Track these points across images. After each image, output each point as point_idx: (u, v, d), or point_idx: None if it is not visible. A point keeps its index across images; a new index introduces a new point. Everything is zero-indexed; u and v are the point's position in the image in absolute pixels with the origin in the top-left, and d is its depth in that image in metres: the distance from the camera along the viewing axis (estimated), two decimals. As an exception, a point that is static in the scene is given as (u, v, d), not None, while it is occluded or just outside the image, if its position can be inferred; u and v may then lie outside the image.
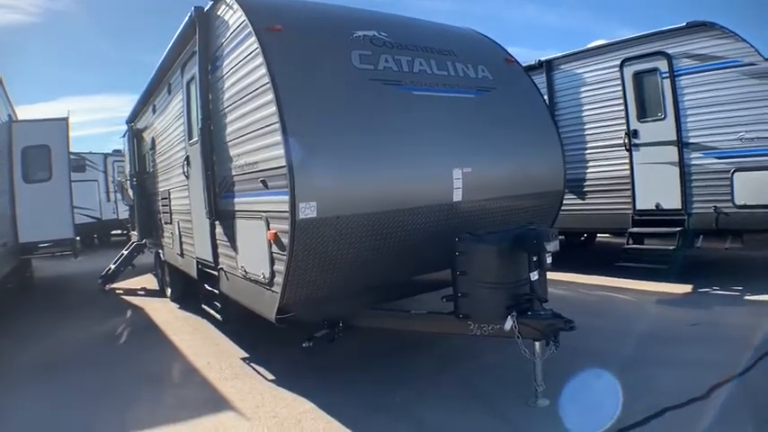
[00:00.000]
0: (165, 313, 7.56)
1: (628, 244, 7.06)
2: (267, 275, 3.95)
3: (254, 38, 3.86)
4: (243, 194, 4.37)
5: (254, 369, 4.86)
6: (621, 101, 7.18)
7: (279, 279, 3.75)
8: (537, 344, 3.62)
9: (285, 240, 3.58)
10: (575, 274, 7.84)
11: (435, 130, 4.29)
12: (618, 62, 7.19)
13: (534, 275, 3.65)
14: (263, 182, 3.88)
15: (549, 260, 3.63)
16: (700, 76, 6.23)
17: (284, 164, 3.47)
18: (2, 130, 7.65)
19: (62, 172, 8.48)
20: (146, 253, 10.21)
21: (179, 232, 6.77)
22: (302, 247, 3.58)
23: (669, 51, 6.55)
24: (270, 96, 3.63)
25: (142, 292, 9.32)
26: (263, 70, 3.70)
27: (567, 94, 8.01)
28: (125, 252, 10.06)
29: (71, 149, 15.89)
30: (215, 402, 4.15)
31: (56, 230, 8.27)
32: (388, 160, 3.97)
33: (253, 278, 4.25)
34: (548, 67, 8.20)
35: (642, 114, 7.02)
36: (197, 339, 6.01)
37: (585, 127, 7.74)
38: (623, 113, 7.18)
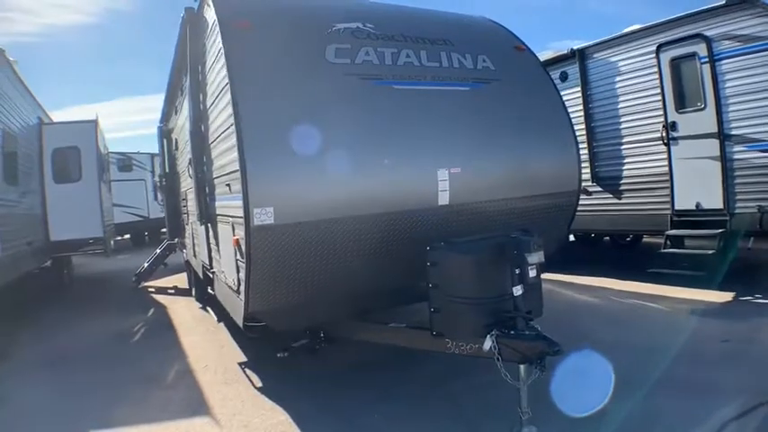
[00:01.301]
0: (185, 313, 7.68)
1: (665, 247, 6.35)
2: (235, 282, 3.82)
3: (220, 36, 3.70)
4: (219, 198, 4.24)
5: (247, 375, 4.79)
6: (659, 90, 6.46)
7: (242, 287, 3.57)
8: (522, 367, 3.21)
9: (244, 248, 3.39)
10: (611, 280, 7.34)
11: (417, 127, 3.93)
12: (654, 48, 6.47)
13: (517, 290, 3.22)
14: (228, 185, 3.72)
15: (532, 273, 3.19)
16: (742, 59, 5.46)
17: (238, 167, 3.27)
18: (32, 132, 7.99)
19: (91, 172, 8.79)
20: (177, 252, 10.47)
21: (192, 233, 6.83)
22: (261, 256, 3.37)
23: (708, 34, 5.80)
24: (229, 97, 3.44)
25: (172, 291, 9.52)
26: (225, 70, 3.53)
27: (602, 84, 7.34)
28: (158, 251, 10.33)
29: (121, 150, 16.77)
30: (196, 406, 4.17)
31: (86, 229, 8.58)
32: (359, 161, 3.66)
33: (228, 284, 4.12)
34: (581, 56, 7.54)
35: (681, 105, 6.28)
36: (205, 341, 6.03)
37: (621, 120, 7.07)
38: (661, 104, 6.46)
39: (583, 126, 7.48)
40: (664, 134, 6.44)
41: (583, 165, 7.38)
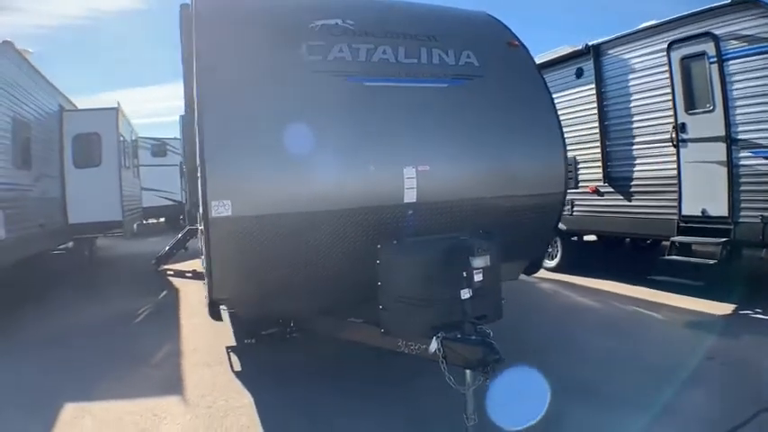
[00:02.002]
0: (195, 297, 7.81)
1: (669, 254, 6.09)
2: (205, 269, 3.90)
3: (194, 33, 3.78)
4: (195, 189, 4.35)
5: (230, 359, 4.93)
6: (670, 90, 6.17)
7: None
8: (468, 372, 3.17)
9: (204, 238, 3.49)
10: (619, 284, 7.16)
11: (386, 124, 3.90)
12: (665, 46, 6.17)
13: (465, 293, 3.18)
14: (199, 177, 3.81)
15: (477, 277, 3.13)
16: (748, 60, 5.13)
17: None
18: (50, 119, 8.40)
19: (111, 158, 9.15)
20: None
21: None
22: (219, 246, 3.46)
23: (716, 32, 5.48)
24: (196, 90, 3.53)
25: (189, 275, 9.63)
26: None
27: (616, 82, 7.05)
28: (179, 235, 10.65)
29: (155, 136, 17.29)
30: (170, 386, 4.36)
31: (104, 213, 8.96)
32: (320, 157, 3.66)
33: (203, 270, 4.25)
34: (595, 52, 7.26)
35: (690, 105, 5.98)
36: (205, 325, 6.08)
37: (634, 119, 6.79)
38: (671, 104, 6.16)
39: (596, 124, 7.25)
40: (673, 135, 6.15)
41: (595, 164, 7.23)
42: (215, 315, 3.95)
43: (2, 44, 6.46)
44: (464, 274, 3.14)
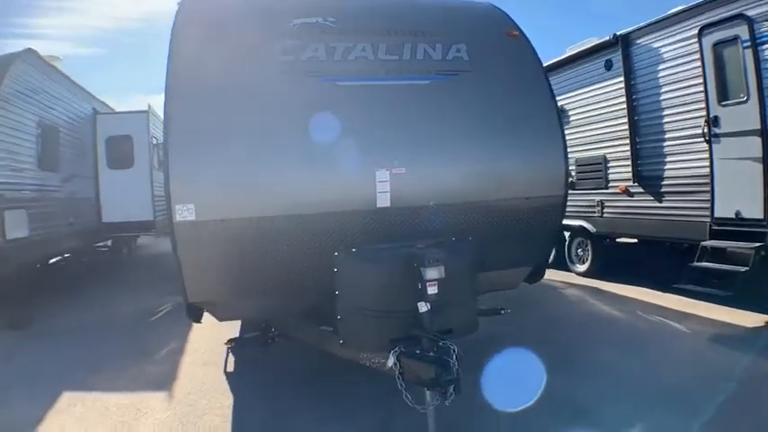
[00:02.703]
0: None
1: (698, 260, 5.53)
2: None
3: (170, 38, 3.78)
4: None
5: (226, 360, 4.97)
6: (702, 80, 5.59)
7: None
8: (427, 390, 2.98)
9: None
10: (649, 291, 6.70)
11: (359, 125, 3.73)
12: (696, 32, 5.59)
13: (422, 306, 2.97)
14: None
15: (431, 290, 2.91)
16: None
17: (168, 162, 3.36)
18: (84, 122, 8.82)
19: (143, 159, 9.52)
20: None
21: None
22: (185, 250, 3.44)
23: (749, 14, 4.88)
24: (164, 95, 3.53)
25: None
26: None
27: (645, 74, 6.50)
28: None
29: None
30: (160, 382, 4.50)
31: (137, 213, 9.35)
32: (288, 159, 3.55)
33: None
34: (624, 42, 6.71)
35: (723, 96, 5.39)
36: (215, 325, 6.14)
37: (664, 114, 6.23)
38: (704, 96, 5.59)
39: (626, 120, 6.73)
40: (705, 130, 5.58)
41: (625, 163, 6.70)
42: (193, 317, 3.96)
43: (25, 52, 6.81)
44: (419, 285, 2.94)
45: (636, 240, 7.98)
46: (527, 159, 4.18)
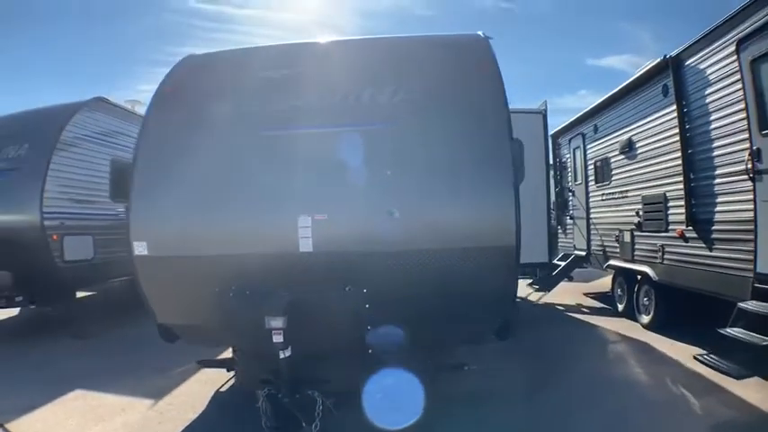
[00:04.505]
0: None
1: (732, 325, 4.59)
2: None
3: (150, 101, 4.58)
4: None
5: (226, 378, 5.26)
6: (744, 104, 4.68)
7: None
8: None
9: (135, 272, 4.19)
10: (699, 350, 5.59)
11: (288, 173, 4.02)
12: (734, 47, 4.71)
13: (282, 353, 3.15)
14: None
15: (276, 338, 3.06)
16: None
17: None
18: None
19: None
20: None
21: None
22: (144, 280, 4.11)
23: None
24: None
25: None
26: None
27: (695, 99, 5.60)
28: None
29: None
30: (157, 392, 5.05)
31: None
32: (223, 206, 3.96)
33: None
34: (674, 64, 5.86)
35: (765, 124, 4.44)
36: None
37: (714, 145, 5.27)
38: (747, 123, 4.67)
39: (679, 154, 5.83)
40: (749, 165, 4.64)
41: (680, 203, 5.86)
42: (164, 337, 4.54)
43: (92, 100, 8.20)
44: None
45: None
46: (466, 206, 3.91)
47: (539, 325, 7.71)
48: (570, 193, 9.85)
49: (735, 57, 4.71)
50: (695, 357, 4.72)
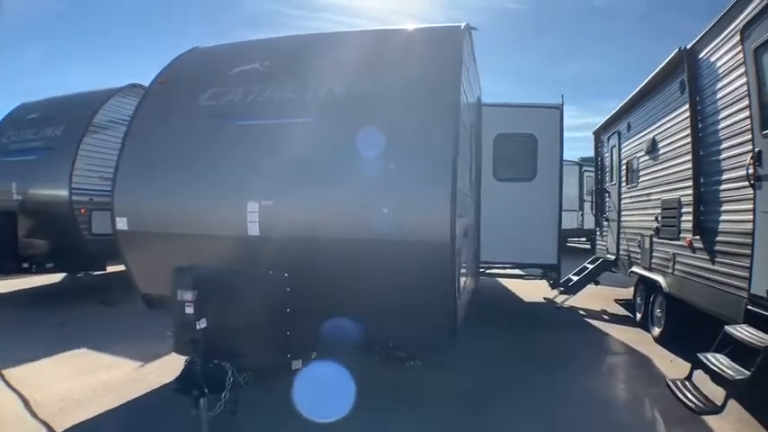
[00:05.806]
0: None
1: (717, 350, 4.09)
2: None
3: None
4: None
5: None
6: (747, 101, 4.14)
7: None
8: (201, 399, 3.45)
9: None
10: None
11: (241, 161, 4.26)
12: (739, 35, 4.16)
13: (198, 324, 3.42)
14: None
15: (188, 310, 3.33)
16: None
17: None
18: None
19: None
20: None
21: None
22: (125, 252, 4.60)
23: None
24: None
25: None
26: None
27: (706, 96, 5.04)
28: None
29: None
30: (150, 358, 5.51)
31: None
32: (186, 190, 4.37)
33: None
34: (689, 58, 5.28)
35: (766, 123, 3.89)
36: None
37: (721, 147, 4.71)
38: (749, 122, 4.13)
39: (690, 156, 5.30)
40: (751, 171, 4.10)
41: (689, 210, 5.42)
42: (146, 303, 4.93)
43: (128, 87, 8.94)
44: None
45: None
46: (400, 199, 3.88)
47: (545, 328, 7.38)
48: (607, 194, 9.16)
49: (740, 47, 4.16)
50: (667, 383, 4.23)
